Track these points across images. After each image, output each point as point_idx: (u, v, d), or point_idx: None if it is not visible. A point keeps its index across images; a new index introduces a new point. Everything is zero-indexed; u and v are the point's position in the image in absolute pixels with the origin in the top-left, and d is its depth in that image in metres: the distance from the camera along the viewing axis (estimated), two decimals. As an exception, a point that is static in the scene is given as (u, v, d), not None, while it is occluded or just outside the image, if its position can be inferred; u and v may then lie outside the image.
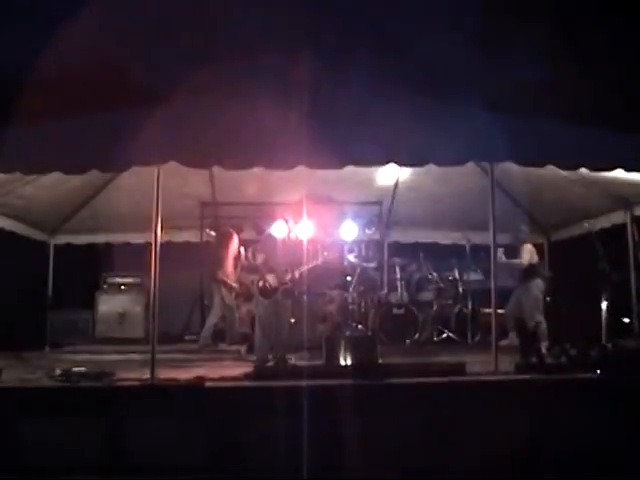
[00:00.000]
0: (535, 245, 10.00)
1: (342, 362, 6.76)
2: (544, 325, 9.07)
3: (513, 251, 9.61)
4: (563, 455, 5.75)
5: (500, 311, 8.81)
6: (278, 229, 9.76)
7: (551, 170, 6.94)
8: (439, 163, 6.78)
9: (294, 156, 6.51)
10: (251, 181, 9.60)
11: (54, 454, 5.79)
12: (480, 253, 10.11)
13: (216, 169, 8.48)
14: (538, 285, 9.38)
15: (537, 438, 5.90)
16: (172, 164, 6.53)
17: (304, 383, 6.10)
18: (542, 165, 6.79)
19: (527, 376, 6.41)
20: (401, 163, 7.08)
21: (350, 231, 10.94)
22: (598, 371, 6.37)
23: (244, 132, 6.59)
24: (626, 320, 8.67)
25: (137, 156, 6.41)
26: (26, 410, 5.97)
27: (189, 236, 11.86)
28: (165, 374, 6.68)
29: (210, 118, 6.83)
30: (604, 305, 7.84)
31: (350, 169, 6.76)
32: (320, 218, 10.47)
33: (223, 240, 10.15)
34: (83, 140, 6.77)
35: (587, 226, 9.02)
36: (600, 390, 6.17)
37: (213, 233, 11.24)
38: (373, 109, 6.83)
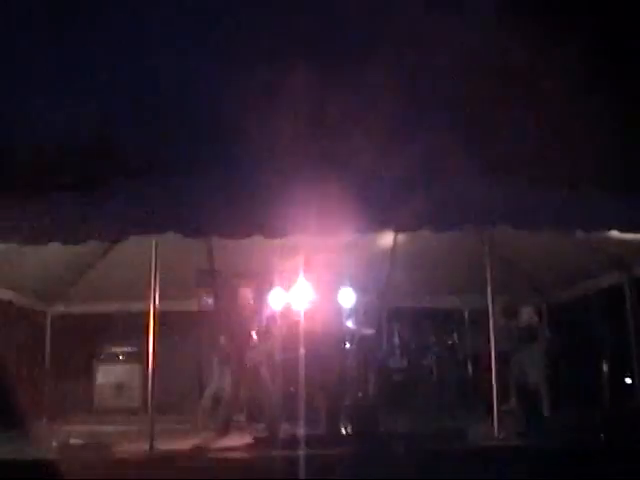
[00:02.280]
0: (534, 308, 10.00)
1: (343, 431, 6.72)
2: (544, 389, 9.01)
3: (512, 313, 9.60)
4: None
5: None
6: (275, 298, 9.84)
7: (546, 232, 7.01)
8: (434, 227, 6.85)
9: (291, 225, 6.58)
10: (248, 251, 9.64)
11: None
12: (477, 317, 10.11)
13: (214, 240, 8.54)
14: (538, 347, 9.35)
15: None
16: (169, 234, 6.61)
17: (306, 453, 6.06)
18: (537, 229, 6.86)
19: (529, 443, 6.36)
20: (396, 229, 7.13)
21: (347, 297, 10.93)
22: (602, 435, 6.32)
23: (241, 201, 6.68)
24: (628, 381, 8.60)
25: (135, 226, 6.49)
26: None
27: (186, 305, 11.81)
28: (164, 445, 6.62)
29: (207, 189, 6.94)
30: (604, 367, 7.82)
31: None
32: (317, 285, 10.50)
33: (224, 309, 10.10)
34: (81, 210, 6.87)
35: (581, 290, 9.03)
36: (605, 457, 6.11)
37: (210, 301, 11.22)
38: (368, 175, 6.94)
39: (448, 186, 7.15)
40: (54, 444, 6.42)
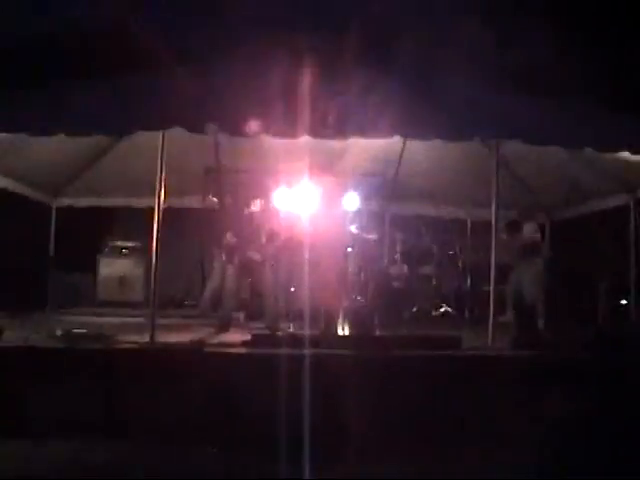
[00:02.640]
0: (537, 225, 10.00)
1: (340, 332, 6.83)
2: (541, 305, 9.11)
3: (516, 229, 9.60)
4: (553, 430, 5.83)
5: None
6: (280, 198, 9.82)
7: (555, 149, 6.94)
8: (444, 138, 6.78)
9: (299, 125, 6.50)
10: (255, 149, 9.58)
11: (53, 413, 5.87)
12: (481, 230, 10.13)
13: (221, 136, 8.46)
14: (538, 263, 9.38)
15: (528, 412, 5.98)
16: (176, 129, 6.55)
17: (300, 352, 6.18)
18: (547, 144, 6.79)
19: (521, 351, 6.48)
20: (406, 136, 7.06)
21: (352, 202, 10.95)
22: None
23: (251, 99, 6.58)
24: (623, 302, 8.68)
25: (141, 120, 6.43)
26: (26, 370, 6.05)
27: (191, 202, 11.84)
28: (164, 338, 6.76)
29: (217, 84, 6.84)
30: (602, 287, 7.89)
31: (355, 140, 6.76)
32: (322, 188, 10.49)
33: (229, 206, 10.13)
34: (88, 103, 6.79)
35: (587, 208, 9.03)
36: (591, 370, 6.24)
37: (216, 199, 11.24)
38: (382, 82, 6.81)
39: (462, 96, 7.02)
40: (58, 332, 6.53)
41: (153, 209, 7.01)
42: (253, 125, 6.47)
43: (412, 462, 5.25)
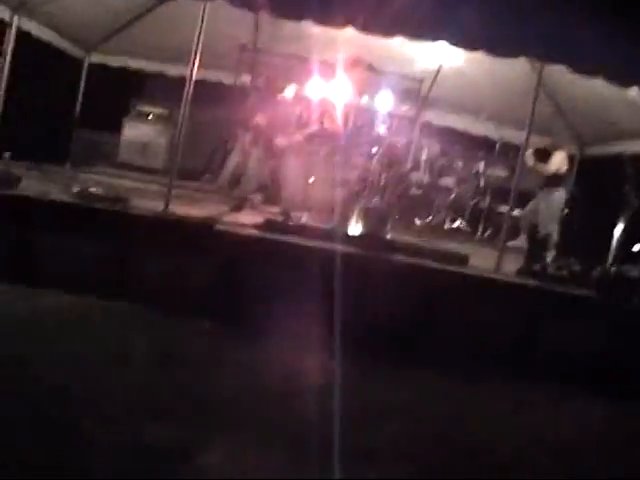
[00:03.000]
0: (567, 156, 9.86)
1: (351, 230, 6.85)
2: (555, 236, 9.08)
3: (544, 156, 9.49)
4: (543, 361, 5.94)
5: (516, 213, 8.87)
6: (313, 87, 9.68)
7: (601, 83, 6.75)
8: (491, 51, 6.60)
9: (346, 14, 6.34)
10: (294, 33, 9.38)
11: (64, 269, 6.01)
12: (509, 151, 10.02)
13: (262, 17, 8.27)
14: (559, 195, 9.31)
15: (520, 342, 6.08)
16: (219, 2, 6.41)
17: (307, 243, 6.25)
18: (594, 75, 6.60)
19: (525, 281, 6.50)
20: (452, 42, 6.85)
21: (385, 102, 10.80)
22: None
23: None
24: (637, 248, 8.61)
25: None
26: (38, 221, 6.16)
27: (224, 77, 11.69)
28: (178, 209, 6.81)
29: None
30: (618, 229, 7.82)
31: (398, 42, 6.60)
32: (358, 83, 10.32)
33: (260, 87, 10.01)
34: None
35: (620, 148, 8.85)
36: (593, 308, 6.28)
37: (249, 78, 11.12)
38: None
39: (513, 13, 6.78)
40: (74, 189, 6.58)
41: (184, 78, 6.93)
42: (298, 10, 6.33)
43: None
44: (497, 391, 5.47)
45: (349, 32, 6.58)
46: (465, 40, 6.67)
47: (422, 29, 6.48)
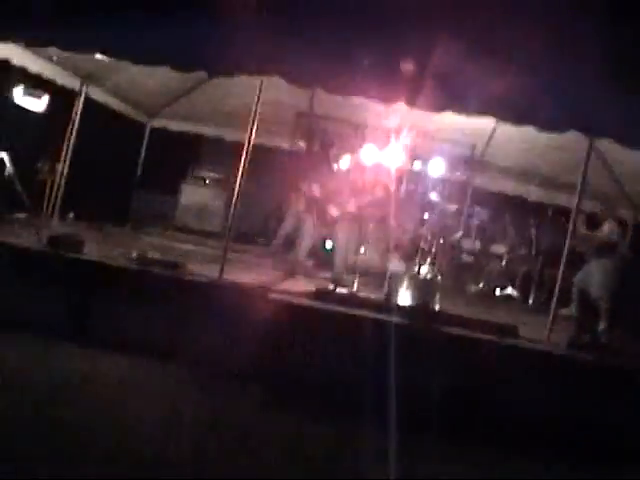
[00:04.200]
0: (620, 221, 9.81)
1: (401, 300, 6.93)
2: (607, 305, 8.98)
3: (595, 223, 9.46)
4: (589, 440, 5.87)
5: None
6: (367, 152, 9.87)
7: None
8: (539, 126, 6.71)
9: (396, 92, 6.55)
10: (350, 101, 9.65)
11: (121, 331, 6.24)
12: (562, 218, 10.00)
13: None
14: (611, 263, 9.24)
15: (568, 418, 6.03)
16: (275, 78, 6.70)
17: (358, 313, 6.35)
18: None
19: (575, 353, 6.47)
20: (499, 118, 7.00)
21: (437, 168, 10.95)
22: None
23: (354, 59, 6.66)
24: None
25: (243, 65, 6.60)
26: (99, 284, 6.43)
27: (280, 142, 12.00)
28: (233, 274, 7.00)
29: (323, 39, 6.91)
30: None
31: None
32: (411, 149, 10.50)
33: (315, 153, 10.25)
34: (194, 39, 6.99)
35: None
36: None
37: (303, 144, 11.40)
38: (482, 61, 6.76)
39: (562, 85, 6.91)
40: (134, 254, 6.85)
41: (241, 143, 7.19)
42: (352, 87, 6.57)
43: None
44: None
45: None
46: (512, 116, 6.79)
47: (470, 105, 6.62)
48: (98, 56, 7.38)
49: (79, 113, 9.53)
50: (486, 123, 9.89)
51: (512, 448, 5.47)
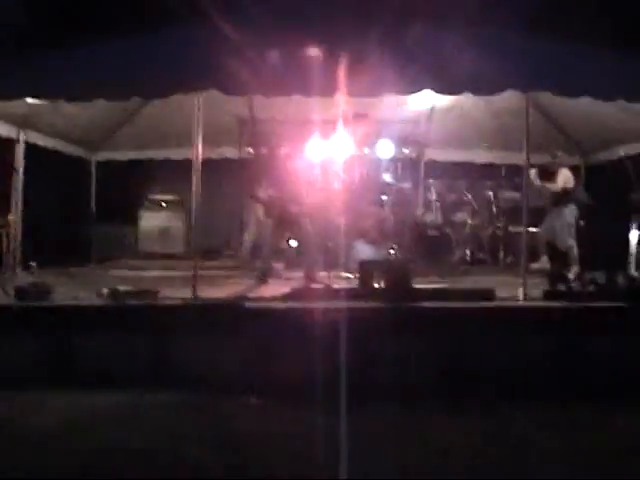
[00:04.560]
0: (572, 167, 10.00)
1: (376, 285, 6.98)
2: (576, 250, 9.17)
3: (549, 174, 9.64)
4: (584, 382, 5.99)
5: (533, 230, 8.96)
6: (314, 147, 9.92)
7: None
8: (475, 92, 6.82)
9: (333, 84, 6.58)
10: (288, 100, 9.68)
11: (106, 369, 6.20)
12: (515, 175, 10.16)
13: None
14: (571, 210, 9.43)
15: (558, 366, 6.15)
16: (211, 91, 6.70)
17: (338, 305, 6.39)
18: (578, 96, 6.79)
19: (553, 303, 6.59)
20: (437, 91, 7.08)
21: (386, 149, 11.03)
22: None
23: (284, 60, 6.67)
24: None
25: (178, 84, 6.60)
26: (77, 327, 6.37)
27: (228, 153, 11.98)
28: (206, 291, 7.00)
29: (251, 45, 6.91)
30: (634, 234, 7.92)
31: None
32: (357, 136, 10.56)
33: (264, 157, 10.27)
34: (124, 66, 6.95)
35: (621, 152, 9.00)
36: (625, 319, 6.35)
37: (251, 150, 11.41)
38: (409, 38, 6.84)
39: (493, 46, 7.02)
40: (104, 290, 6.80)
41: (190, 161, 7.18)
42: (287, 86, 6.60)
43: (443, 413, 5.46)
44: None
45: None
46: (449, 87, 6.88)
47: (405, 85, 6.70)
48: (29, 100, 7.32)
49: (21, 160, 9.41)
50: (425, 99, 10.06)
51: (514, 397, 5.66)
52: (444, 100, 10.00)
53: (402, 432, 5.04)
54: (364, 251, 8.61)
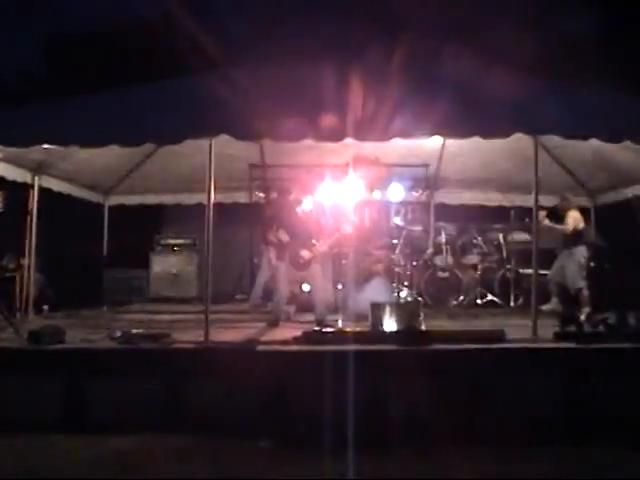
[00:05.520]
0: (581, 209, 10.04)
1: (387, 327, 6.99)
2: (586, 292, 9.16)
3: (559, 215, 9.68)
4: (598, 424, 5.96)
5: (543, 272, 8.96)
6: (325, 192, 10.01)
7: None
8: (484, 135, 6.89)
9: (343, 129, 6.69)
10: (299, 145, 9.80)
11: (118, 412, 6.21)
12: (525, 217, 10.20)
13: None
14: (582, 252, 9.44)
15: (571, 406, 6.12)
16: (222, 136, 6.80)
17: (350, 348, 6.38)
18: (586, 138, 6.85)
19: (564, 345, 6.58)
20: (446, 135, 7.18)
21: (397, 193, 11.13)
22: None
23: (295, 105, 6.80)
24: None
25: (190, 130, 6.70)
26: (90, 370, 6.40)
27: (239, 197, 12.12)
28: (218, 335, 7.03)
29: (262, 90, 7.06)
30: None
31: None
32: (367, 180, 10.68)
33: (275, 202, 10.36)
34: (137, 112, 7.09)
35: (629, 194, 9.06)
36: (636, 360, 6.33)
37: (262, 195, 11.54)
38: (420, 84, 6.96)
39: (499, 91, 7.12)
40: (117, 333, 6.83)
41: (202, 205, 7.24)
42: (297, 132, 6.70)
43: (460, 458, 5.42)
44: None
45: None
46: (457, 132, 6.97)
47: (413, 129, 6.79)
48: (45, 145, 7.45)
49: (35, 204, 9.53)
50: (435, 141, 10.16)
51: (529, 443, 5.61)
52: (453, 143, 10.12)
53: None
54: (375, 294, 8.58)
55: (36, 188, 9.60)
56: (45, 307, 10.13)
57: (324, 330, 7.33)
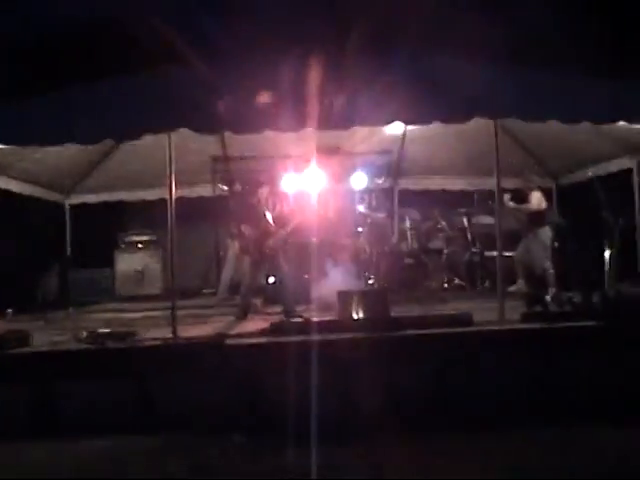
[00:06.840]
0: (543, 190, 10.12)
1: (355, 316, 6.98)
2: (552, 272, 9.24)
3: (522, 197, 9.74)
4: (565, 403, 6.02)
5: (508, 254, 9.02)
6: (288, 182, 9.98)
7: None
8: (444, 120, 6.91)
9: (302, 118, 6.66)
10: (261, 136, 9.75)
11: (87, 414, 6.12)
12: (488, 200, 10.26)
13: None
14: (546, 232, 9.51)
15: (539, 387, 6.17)
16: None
17: (319, 337, 6.37)
18: (544, 120, 6.90)
19: (531, 325, 6.63)
20: (406, 122, 7.18)
21: (360, 181, 11.14)
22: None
23: (254, 97, 6.74)
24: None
25: (148, 125, 6.61)
26: (57, 373, 6.30)
27: (202, 191, 12.01)
28: (186, 330, 6.97)
29: (220, 82, 6.99)
30: (607, 252, 8.03)
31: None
32: (330, 169, 10.67)
33: (238, 194, 10.31)
34: (94, 109, 6.99)
35: (590, 173, 9.15)
36: (602, 337, 6.40)
37: (225, 187, 11.45)
38: (379, 72, 6.94)
39: (458, 76, 7.14)
40: (83, 334, 6.74)
41: (165, 201, 7.16)
42: (257, 123, 6.66)
43: (427, 444, 5.45)
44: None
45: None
46: (417, 118, 6.98)
47: (373, 117, 6.79)
48: (1, 146, 7.31)
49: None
50: (397, 128, 10.17)
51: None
52: (414, 130, 10.14)
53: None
54: (342, 282, 8.57)
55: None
56: (9, 311, 9.97)
57: (292, 320, 7.32)
